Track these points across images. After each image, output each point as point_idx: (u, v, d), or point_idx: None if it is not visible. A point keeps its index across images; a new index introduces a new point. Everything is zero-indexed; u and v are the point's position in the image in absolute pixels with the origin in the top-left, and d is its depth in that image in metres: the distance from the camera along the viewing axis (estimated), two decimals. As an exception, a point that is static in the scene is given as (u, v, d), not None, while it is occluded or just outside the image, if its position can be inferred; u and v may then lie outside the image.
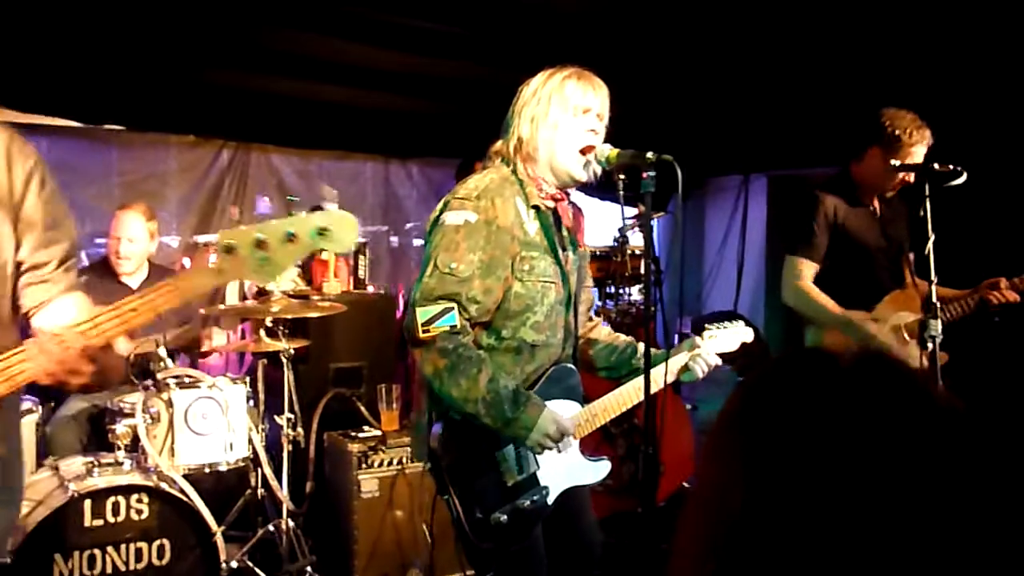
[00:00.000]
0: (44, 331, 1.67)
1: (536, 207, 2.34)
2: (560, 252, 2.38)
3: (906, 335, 3.31)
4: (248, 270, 1.69)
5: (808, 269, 3.39)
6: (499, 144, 2.41)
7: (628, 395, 2.42)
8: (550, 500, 2.34)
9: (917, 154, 3.26)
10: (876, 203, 3.48)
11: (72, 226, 1.96)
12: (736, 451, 0.81)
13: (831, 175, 3.53)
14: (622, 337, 2.67)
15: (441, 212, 2.30)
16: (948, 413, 0.76)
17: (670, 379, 2.41)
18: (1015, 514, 0.73)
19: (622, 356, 2.61)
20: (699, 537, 0.81)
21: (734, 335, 2.65)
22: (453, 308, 2.17)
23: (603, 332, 2.69)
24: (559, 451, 2.32)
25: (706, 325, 2.64)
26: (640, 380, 2.33)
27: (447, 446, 2.30)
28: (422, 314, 2.19)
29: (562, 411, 2.33)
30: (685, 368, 2.48)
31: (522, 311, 2.30)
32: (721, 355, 2.56)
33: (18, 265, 1.86)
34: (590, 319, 2.69)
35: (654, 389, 2.16)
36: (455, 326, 2.17)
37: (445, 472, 2.30)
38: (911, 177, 3.27)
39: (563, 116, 2.31)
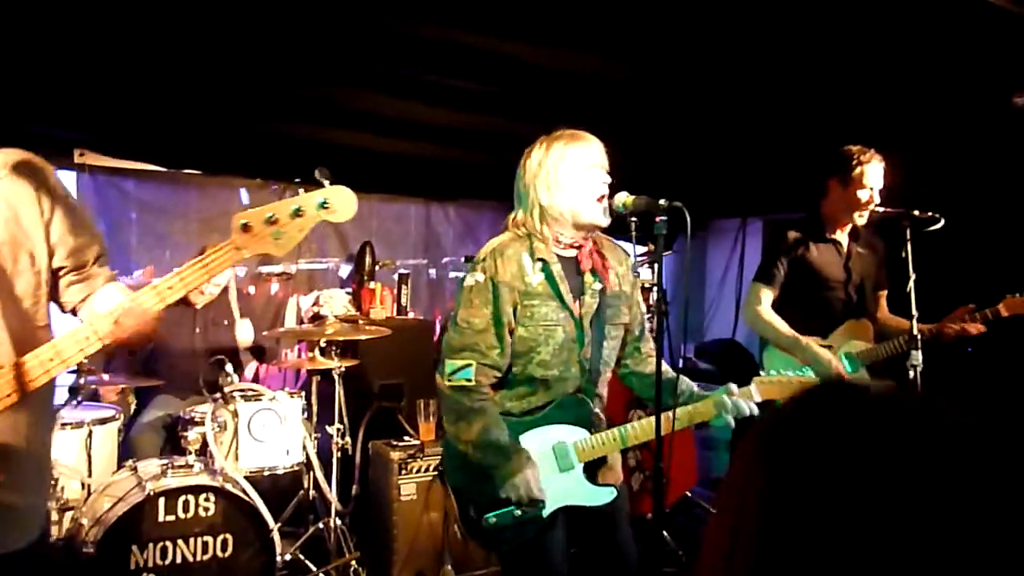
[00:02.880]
0: (125, 299, 1.75)
1: (542, 260, 2.32)
2: (569, 297, 2.32)
3: (846, 364, 3.25)
4: (265, 244, 1.75)
5: (766, 295, 3.35)
6: (520, 216, 2.38)
7: (641, 430, 2.35)
8: (545, 513, 2.27)
9: (870, 174, 3.21)
10: (843, 238, 3.39)
11: (96, 228, 1.98)
12: (759, 474, 0.73)
13: (805, 216, 3.49)
14: (669, 372, 2.48)
15: (466, 275, 2.37)
16: (981, 452, 0.68)
17: (690, 422, 2.34)
18: None
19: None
20: (720, 551, 0.74)
21: (788, 385, 2.42)
22: (472, 365, 2.25)
23: (650, 366, 2.54)
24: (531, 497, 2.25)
25: (761, 372, 2.42)
26: (650, 421, 2.28)
27: (451, 453, 2.39)
28: (448, 366, 2.29)
29: (566, 435, 2.32)
30: (717, 414, 2.33)
31: (527, 351, 2.30)
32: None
33: (56, 271, 1.88)
34: (637, 350, 2.55)
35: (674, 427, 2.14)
36: (470, 380, 2.25)
37: (446, 474, 2.41)
38: (869, 207, 3.21)
39: (575, 178, 2.30)
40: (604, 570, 2.42)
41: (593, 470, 2.38)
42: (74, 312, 1.96)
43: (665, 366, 2.47)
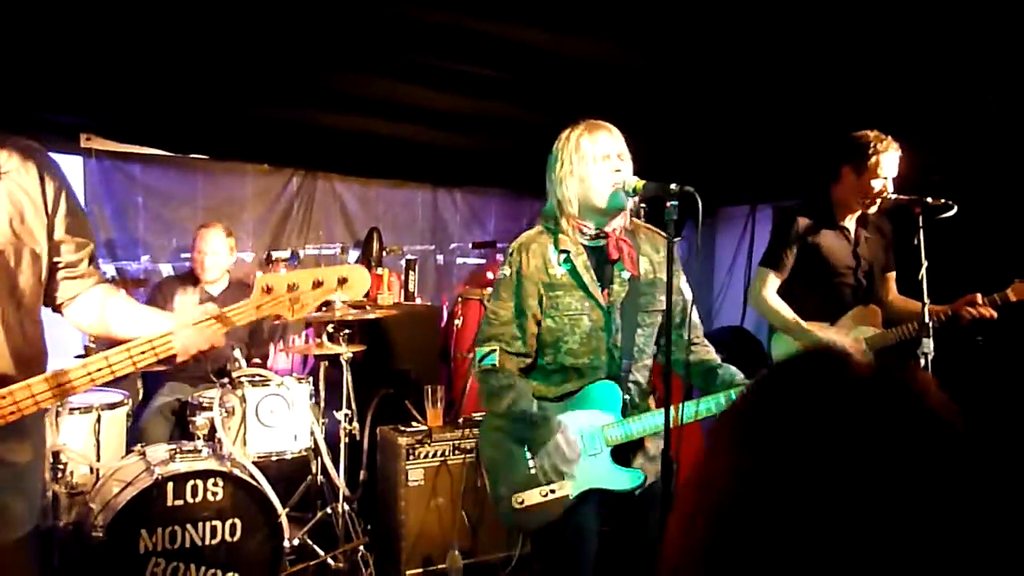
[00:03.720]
0: (190, 321, 1.90)
1: (566, 251, 2.36)
2: (595, 287, 2.35)
3: (865, 348, 3.22)
4: (282, 307, 1.90)
5: (772, 281, 3.33)
6: (547, 208, 2.45)
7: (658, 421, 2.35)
8: (572, 494, 2.31)
9: (886, 163, 3.16)
10: (851, 223, 3.37)
11: (92, 230, 2.04)
12: (738, 443, 0.74)
13: (813, 199, 3.45)
14: (712, 362, 2.52)
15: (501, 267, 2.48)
16: (949, 429, 0.69)
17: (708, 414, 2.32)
18: (1007, 535, 0.66)
19: (708, 377, 2.49)
20: (692, 528, 0.74)
21: None
22: (495, 351, 2.39)
23: (693, 354, 2.50)
24: (574, 457, 2.30)
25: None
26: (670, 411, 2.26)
27: (486, 433, 2.51)
28: (478, 353, 2.43)
29: (595, 420, 2.35)
30: None
31: (555, 341, 2.38)
32: None
33: (54, 264, 1.92)
34: (679, 336, 2.45)
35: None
36: (494, 364, 2.39)
37: (481, 451, 2.52)
38: (882, 196, 3.17)
39: (586, 169, 2.34)
40: (636, 553, 2.44)
41: (626, 455, 2.40)
42: (57, 308, 2.00)
43: (713, 354, 2.55)
